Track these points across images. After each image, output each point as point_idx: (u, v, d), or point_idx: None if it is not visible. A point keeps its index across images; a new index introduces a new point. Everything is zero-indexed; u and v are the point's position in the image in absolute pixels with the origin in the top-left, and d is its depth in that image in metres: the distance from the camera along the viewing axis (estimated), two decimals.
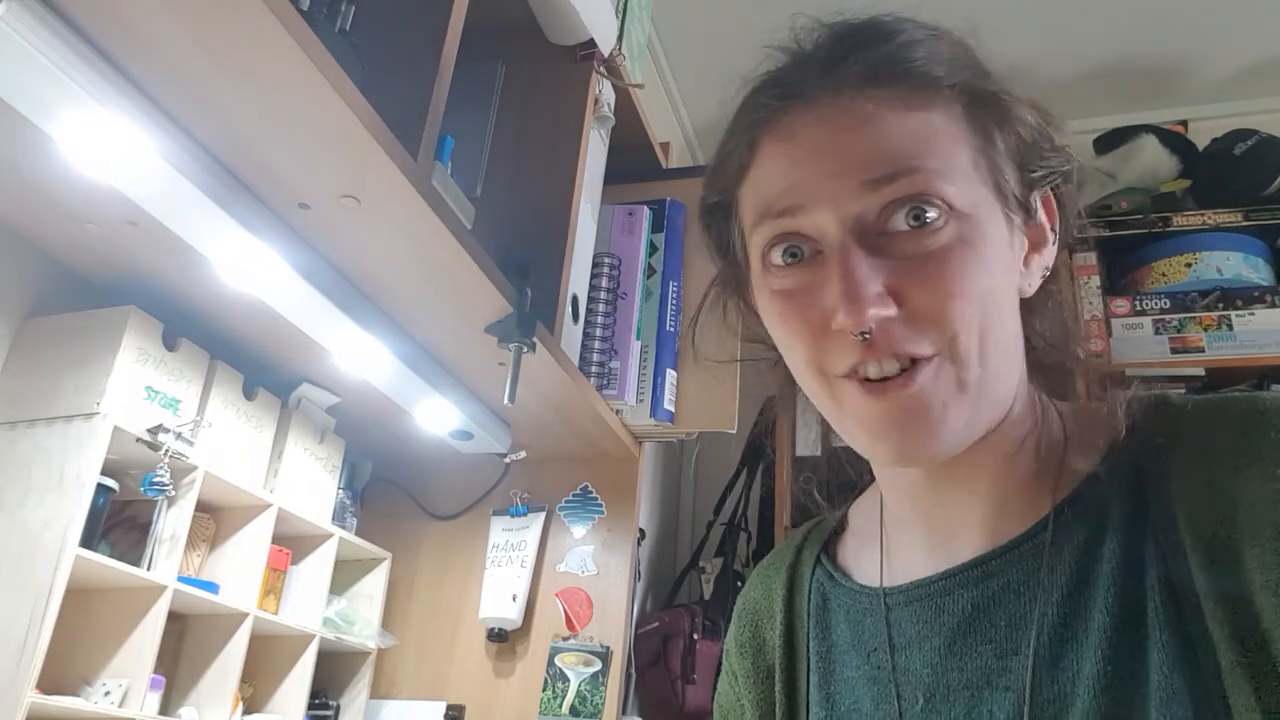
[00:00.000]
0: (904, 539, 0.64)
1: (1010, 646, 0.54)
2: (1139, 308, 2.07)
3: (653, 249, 1.84)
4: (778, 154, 0.56)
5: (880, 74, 0.54)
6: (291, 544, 1.57)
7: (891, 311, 0.51)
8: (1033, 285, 0.59)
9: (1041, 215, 0.59)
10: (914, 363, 0.52)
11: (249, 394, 1.47)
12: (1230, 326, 2.01)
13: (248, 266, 1.15)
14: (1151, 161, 2.22)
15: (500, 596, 1.74)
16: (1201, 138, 2.27)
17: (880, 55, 0.54)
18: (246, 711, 1.48)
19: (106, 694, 1.21)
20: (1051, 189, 0.60)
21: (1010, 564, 0.56)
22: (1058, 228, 0.60)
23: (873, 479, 0.69)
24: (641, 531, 1.97)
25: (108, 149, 0.94)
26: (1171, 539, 0.50)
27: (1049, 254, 0.59)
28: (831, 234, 0.53)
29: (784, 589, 0.71)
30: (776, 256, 0.55)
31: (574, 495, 1.85)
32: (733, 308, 0.68)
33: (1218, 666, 0.46)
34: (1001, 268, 0.55)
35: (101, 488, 1.21)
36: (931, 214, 0.52)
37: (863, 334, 0.51)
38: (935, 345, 0.52)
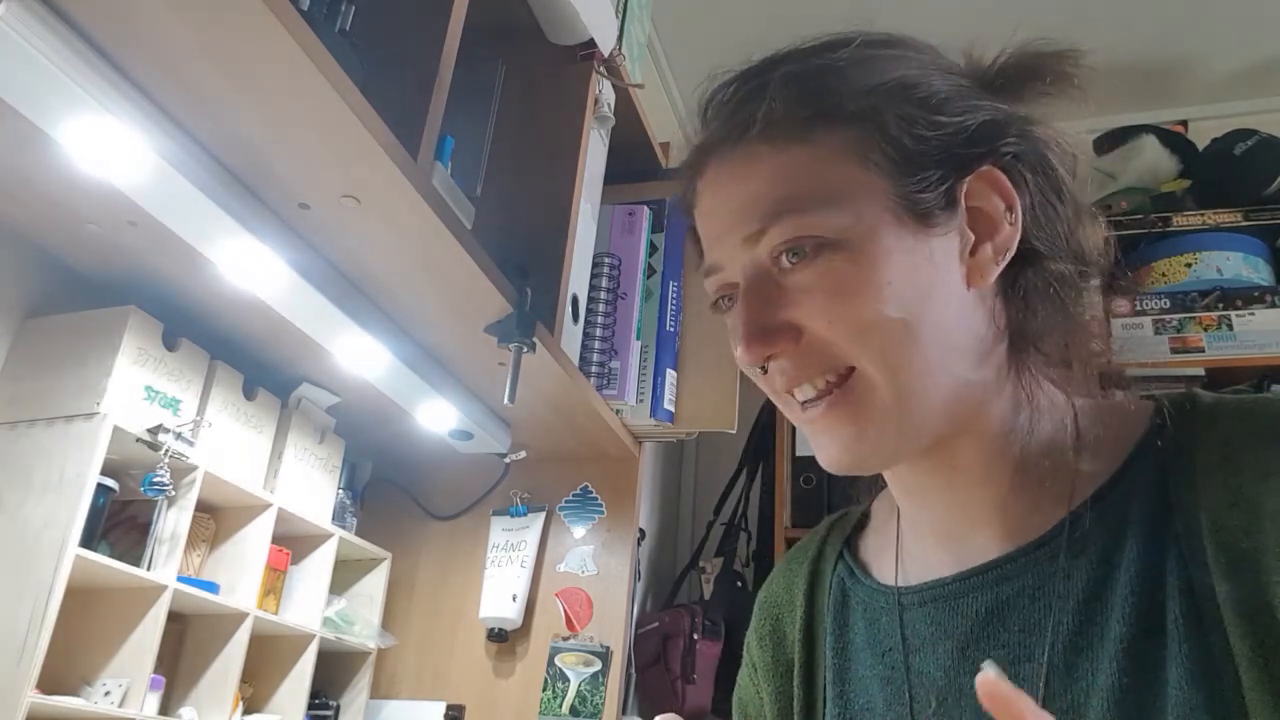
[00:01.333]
0: (919, 537, 0.63)
1: (1024, 653, 0.53)
2: (1139, 308, 2.07)
3: (653, 249, 1.84)
4: (697, 220, 0.62)
5: (739, 127, 0.57)
6: (291, 544, 1.57)
7: (783, 346, 0.55)
8: (985, 275, 0.55)
9: (991, 199, 0.55)
10: (829, 385, 0.55)
11: (249, 394, 1.47)
12: (1230, 326, 2.00)
13: (248, 266, 1.15)
14: (1151, 161, 2.22)
15: (500, 596, 1.74)
16: (1201, 138, 2.27)
17: (733, 109, 0.58)
18: (246, 711, 1.48)
19: (106, 694, 1.21)
20: (1005, 167, 0.56)
21: (1025, 568, 0.55)
22: (1018, 205, 0.56)
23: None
24: (641, 531, 1.97)
25: (108, 149, 0.94)
26: (1194, 546, 0.49)
27: (1006, 237, 0.55)
28: (739, 280, 0.58)
29: (806, 583, 0.70)
30: (722, 304, 0.61)
31: (574, 495, 1.85)
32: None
33: (1239, 681, 0.45)
34: (906, 275, 0.53)
35: (101, 488, 1.21)
36: (806, 248, 0.54)
37: (761, 368, 0.57)
38: (827, 374, 0.55)
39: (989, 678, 0.36)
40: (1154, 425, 0.55)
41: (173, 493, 1.30)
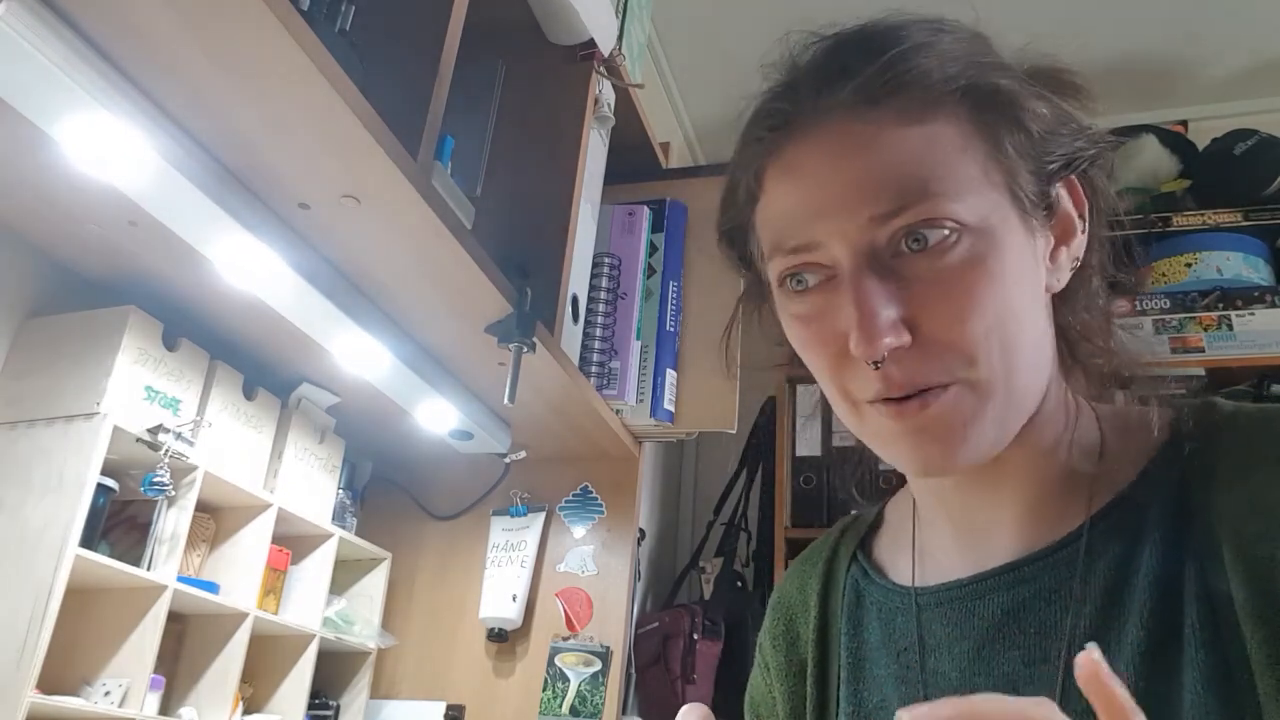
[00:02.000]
0: (937, 539, 0.64)
1: (1039, 655, 0.54)
2: (1139, 308, 2.07)
3: (653, 249, 1.84)
4: (782, 187, 0.55)
5: (875, 91, 0.52)
6: (291, 544, 1.57)
7: (905, 340, 0.50)
8: (1062, 280, 0.56)
9: (1068, 204, 0.56)
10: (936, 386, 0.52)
11: (249, 394, 1.47)
12: (1230, 326, 2.00)
13: (248, 266, 1.15)
14: (1151, 161, 2.22)
15: (500, 596, 1.74)
16: (1201, 138, 2.27)
17: (872, 71, 0.52)
18: (246, 711, 1.48)
19: (106, 694, 1.21)
20: (1079, 174, 0.57)
21: (1043, 571, 0.55)
22: (1088, 214, 0.57)
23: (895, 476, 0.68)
24: (641, 531, 1.97)
25: (108, 149, 0.94)
26: (1212, 552, 0.49)
27: (1078, 244, 0.57)
28: (844, 262, 0.52)
29: (819, 584, 0.70)
30: (792, 284, 0.55)
31: (574, 495, 1.85)
32: (764, 317, 0.68)
33: (1254, 687, 0.45)
34: (1020, 275, 0.53)
35: (101, 488, 1.21)
36: (942, 235, 0.50)
37: (875, 363, 0.51)
38: (951, 373, 0.51)
39: (1092, 659, 0.34)
40: (1174, 433, 0.55)
41: (173, 493, 1.30)
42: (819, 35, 0.56)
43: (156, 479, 1.27)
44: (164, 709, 1.35)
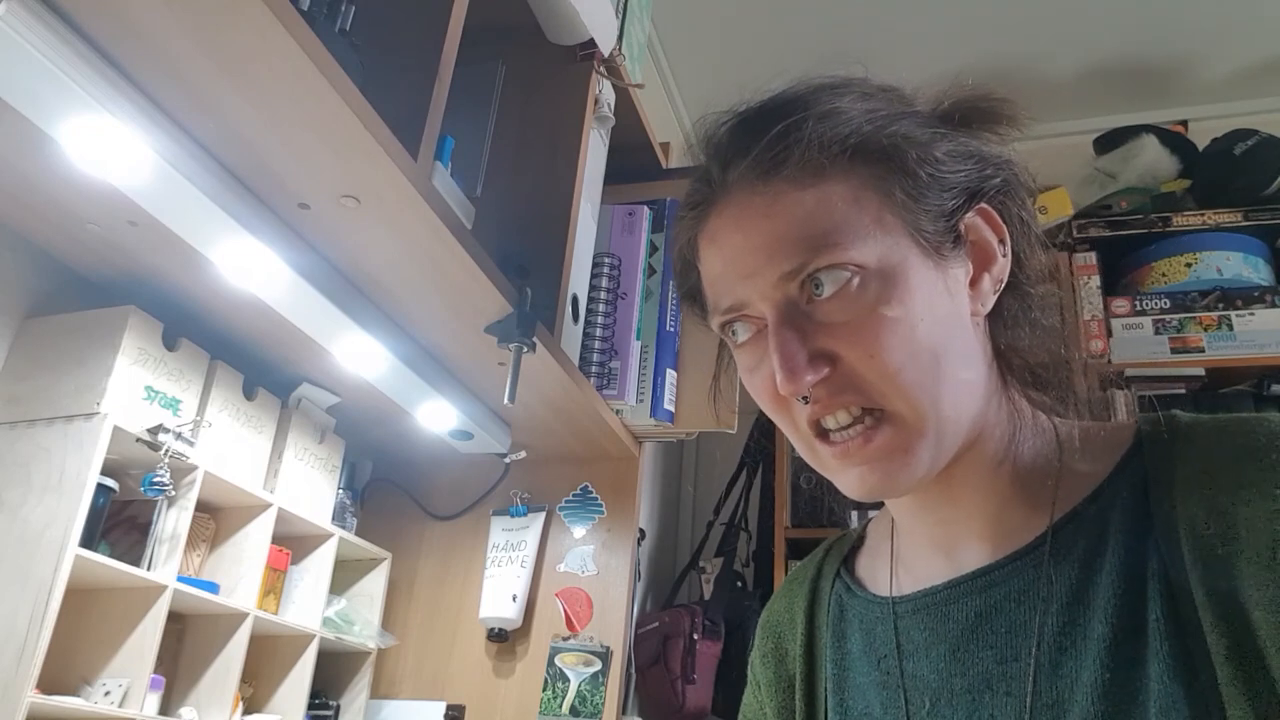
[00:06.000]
0: (913, 550, 0.67)
1: (1011, 653, 0.57)
2: (1139, 308, 2.07)
3: (653, 249, 1.84)
4: (709, 256, 0.62)
5: (767, 164, 0.58)
6: (291, 544, 1.57)
7: (824, 373, 0.56)
8: (987, 304, 0.60)
9: (984, 232, 0.60)
10: (865, 412, 0.56)
11: (249, 394, 1.47)
12: (1230, 326, 2.01)
13: (248, 266, 1.15)
14: (1151, 161, 2.22)
15: (500, 596, 1.74)
16: (1201, 138, 2.27)
17: (763, 147, 0.58)
18: (246, 711, 1.48)
19: (106, 694, 1.21)
20: (994, 201, 0.60)
21: (1012, 574, 0.58)
22: (1007, 237, 0.61)
23: None
24: (641, 531, 1.97)
25: (108, 148, 0.94)
26: (1173, 553, 0.51)
27: (1000, 268, 0.60)
28: (768, 316, 0.58)
29: (806, 601, 0.74)
30: (731, 335, 0.62)
31: (574, 495, 1.85)
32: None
33: (1215, 677, 0.47)
34: (931, 307, 0.56)
35: (101, 488, 1.21)
36: (844, 277, 0.55)
37: (803, 398, 0.57)
38: (873, 398, 0.56)
39: None
40: (1135, 443, 0.58)
41: (173, 493, 1.30)
42: (730, 113, 0.61)
43: (156, 479, 1.27)
44: (164, 709, 1.35)
